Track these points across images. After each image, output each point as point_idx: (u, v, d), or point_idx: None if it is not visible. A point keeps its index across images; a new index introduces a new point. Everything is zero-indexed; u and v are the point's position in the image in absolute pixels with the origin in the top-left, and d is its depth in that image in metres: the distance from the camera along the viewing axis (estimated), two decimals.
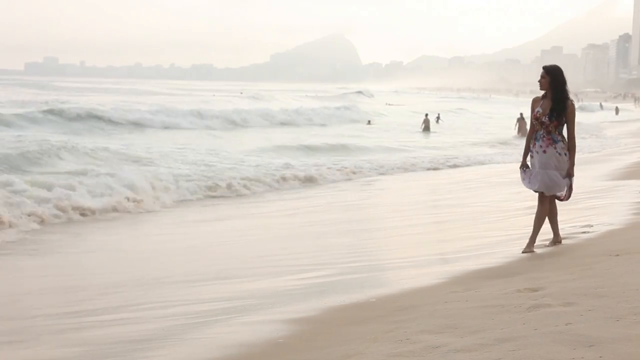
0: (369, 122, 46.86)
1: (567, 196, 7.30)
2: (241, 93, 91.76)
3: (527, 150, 7.41)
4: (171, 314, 6.28)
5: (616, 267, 5.55)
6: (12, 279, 8.39)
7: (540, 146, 7.20)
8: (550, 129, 7.15)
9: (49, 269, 8.92)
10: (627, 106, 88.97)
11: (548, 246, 7.38)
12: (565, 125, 7.21)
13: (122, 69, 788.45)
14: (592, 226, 8.62)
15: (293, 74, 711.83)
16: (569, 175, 7.17)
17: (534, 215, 7.49)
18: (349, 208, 14.28)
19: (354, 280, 7.00)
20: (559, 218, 7.60)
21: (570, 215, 9.47)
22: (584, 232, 8.28)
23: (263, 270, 8.24)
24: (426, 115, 41.73)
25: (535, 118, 7.27)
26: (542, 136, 7.22)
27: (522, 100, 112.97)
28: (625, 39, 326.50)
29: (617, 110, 73.91)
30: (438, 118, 47.61)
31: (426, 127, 39.99)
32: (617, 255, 6.13)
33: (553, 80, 7.12)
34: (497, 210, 12.27)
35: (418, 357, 3.78)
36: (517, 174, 7.71)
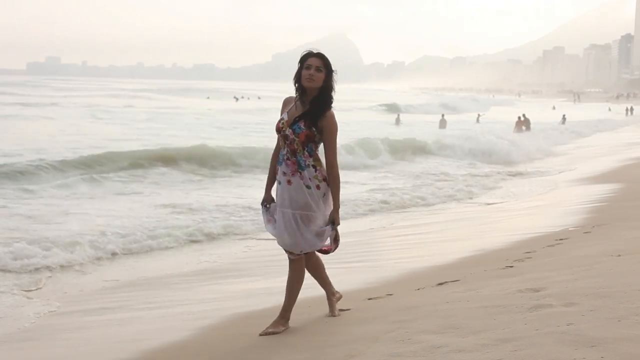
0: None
1: (334, 247, 4.83)
2: (234, 97, 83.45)
3: (273, 176, 4.88)
4: (171, 314, 6.28)
5: (618, 268, 5.53)
6: None
7: (284, 173, 4.72)
8: (296, 146, 4.68)
9: None
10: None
11: (330, 315, 5.17)
12: (321, 144, 4.73)
13: (124, 68, 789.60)
14: (593, 226, 8.62)
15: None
16: (333, 223, 4.71)
17: (534, 216, 7.23)
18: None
19: (355, 280, 7.00)
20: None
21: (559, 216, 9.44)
22: (586, 232, 8.28)
23: (262, 270, 8.25)
24: (442, 115, 44.54)
25: (277, 129, 4.78)
26: (285, 158, 4.73)
27: (523, 100, 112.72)
28: (628, 39, 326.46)
29: (630, 110, 69.07)
30: (478, 117, 49.80)
31: (442, 126, 41.38)
32: (619, 255, 6.12)
33: (328, 76, 4.77)
34: (497, 210, 12.27)
35: (419, 357, 3.77)
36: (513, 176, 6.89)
